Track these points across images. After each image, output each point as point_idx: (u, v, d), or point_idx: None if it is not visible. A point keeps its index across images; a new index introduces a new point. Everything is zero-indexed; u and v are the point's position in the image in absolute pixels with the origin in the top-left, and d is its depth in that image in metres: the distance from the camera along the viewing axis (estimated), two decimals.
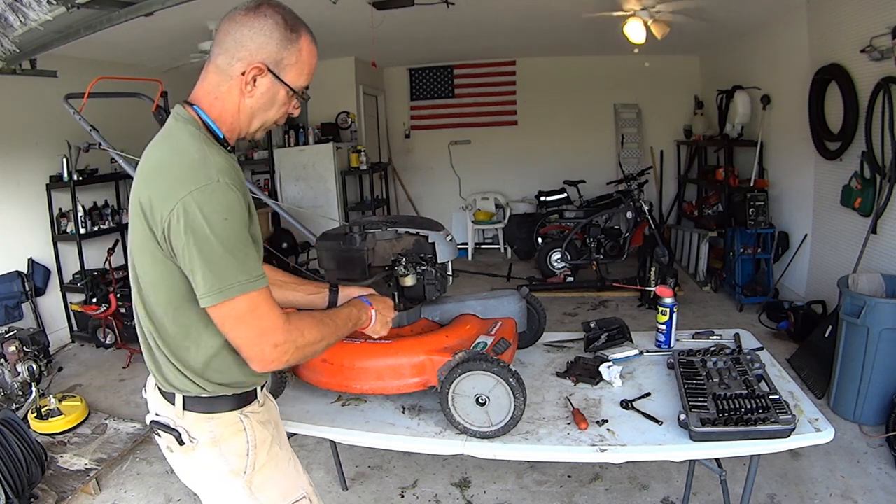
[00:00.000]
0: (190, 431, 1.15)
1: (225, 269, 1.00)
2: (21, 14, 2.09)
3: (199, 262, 0.99)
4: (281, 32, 1.08)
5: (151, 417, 1.21)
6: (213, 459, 1.16)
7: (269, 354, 1.07)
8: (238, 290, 1.02)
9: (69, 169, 4.36)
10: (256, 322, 1.04)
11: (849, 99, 3.56)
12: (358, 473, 2.68)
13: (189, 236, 0.98)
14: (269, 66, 1.08)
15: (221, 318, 1.04)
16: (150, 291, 1.10)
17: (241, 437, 1.17)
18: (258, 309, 1.05)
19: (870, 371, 2.76)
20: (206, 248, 0.99)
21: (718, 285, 5.14)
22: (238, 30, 1.07)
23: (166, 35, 4.20)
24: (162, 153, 1.07)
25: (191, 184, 0.98)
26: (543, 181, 6.50)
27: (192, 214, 0.97)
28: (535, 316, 1.91)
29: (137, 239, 1.07)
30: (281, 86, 1.11)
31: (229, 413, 1.17)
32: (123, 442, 2.91)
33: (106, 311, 4.03)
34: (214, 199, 0.99)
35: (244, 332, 1.05)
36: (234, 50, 1.07)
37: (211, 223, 0.98)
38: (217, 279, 1.00)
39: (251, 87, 1.09)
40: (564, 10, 4.34)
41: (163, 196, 1.00)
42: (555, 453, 1.42)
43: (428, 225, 1.70)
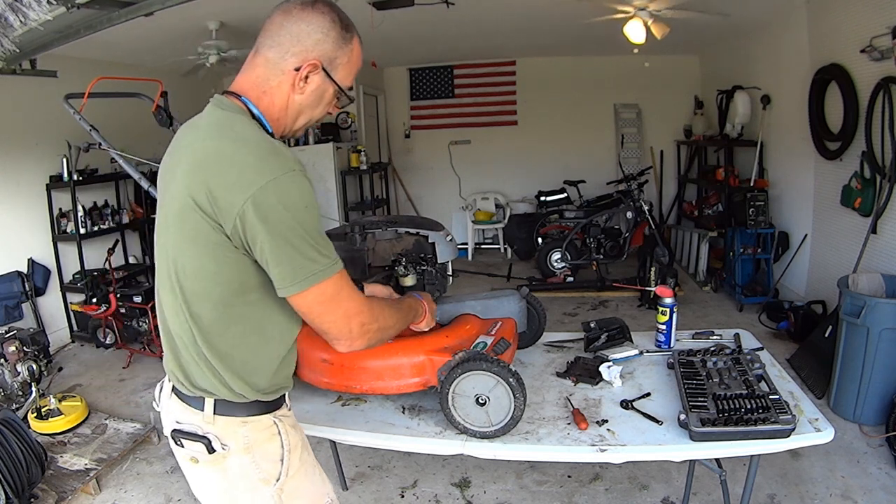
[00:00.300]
0: (221, 438, 1.10)
1: (311, 255, 1.00)
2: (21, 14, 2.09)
3: (284, 250, 0.98)
4: (337, 31, 1.07)
5: (171, 426, 1.14)
6: (244, 467, 1.11)
7: (356, 333, 1.09)
8: (324, 275, 1.02)
9: (69, 169, 4.36)
10: (343, 304, 1.06)
11: (849, 99, 3.56)
12: (358, 473, 2.68)
13: (271, 227, 0.96)
14: (324, 64, 1.07)
15: (308, 304, 1.04)
16: (200, 286, 1.04)
17: (276, 442, 1.13)
18: (343, 290, 1.06)
19: (870, 371, 2.76)
20: (292, 236, 0.98)
21: (718, 285, 5.14)
22: (295, 24, 1.05)
23: (166, 35, 4.20)
24: (221, 143, 1.01)
25: (268, 173, 0.96)
26: (543, 181, 6.50)
27: (272, 204, 0.95)
28: (535, 316, 1.91)
29: (188, 233, 1.01)
30: (330, 84, 1.10)
31: (264, 416, 1.13)
32: (123, 442, 2.91)
33: (106, 311, 4.03)
34: (294, 187, 0.98)
35: (331, 315, 1.06)
36: (289, 44, 1.05)
37: (293, 212, 0.97)
38: (303, 268, 1.00)
39: (303, 84, 1.08)
40: (564, 10, 4.34)
41: (233, 186, 0.96)
42: (555, 453, 1.42)
43: (428, 225, 1.70)
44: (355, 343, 1.11)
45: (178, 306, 1.07)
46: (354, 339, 1.10)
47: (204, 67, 4.51)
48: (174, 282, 1.06)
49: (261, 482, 1.12)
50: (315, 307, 1.04)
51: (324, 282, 1.02)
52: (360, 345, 1.12)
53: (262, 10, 1.13)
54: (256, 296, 1.07)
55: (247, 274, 1.03)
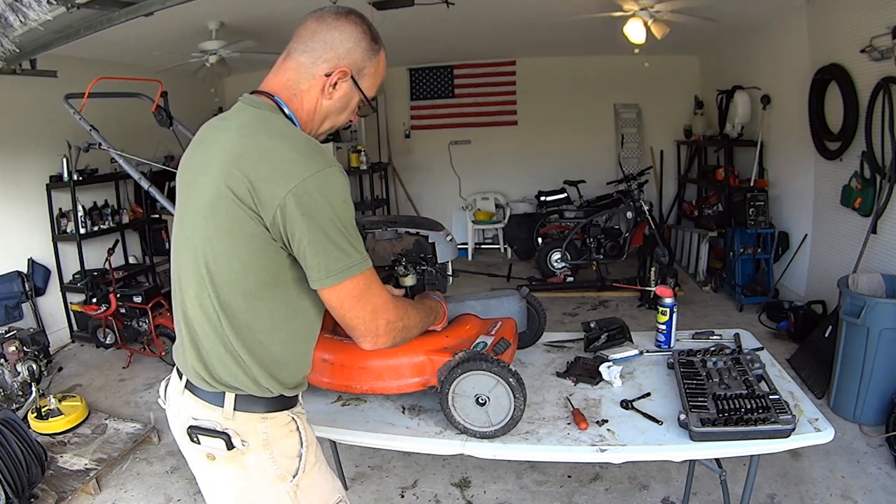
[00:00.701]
0: (241, 434, 1.10)
1: (347, 249, 1.04)
2: (21, 14, 2.09)
3: (322, 243, 1.01)
4: (368, 42, 1.13)
5: (187, 423, 1.13)
6: (262, 463, 1.12)
7: (382, 330, 1.12)
8: (358, 269, 1.05)
9: (69, 169, 4.37)
10: (372, 300, 1.09)
11: (849, 99, 3.56)
12: (358, 473, 2.68)
13: (310, 220, 0.99)
14: (353, 73, 1.12)
15: (340, 298, 1.06)
16: (233, 276, 1.05)
17: (294, 438, 1.15)
18: (372, 287, 1.09)
19: (870, 371, 2.76)
20: (331, 229, 1.01)
21: (718, 285, 5.14)
22: (328, 32, 1.10)
23: (166, 35, 4.19)
24: (261, 138, 1.04)
25: (309, 167, 1.00)
26: (543, 181, 6.49)
27: (313, 197, 0.99)
28: (535, 316, 1.91)
29: (223, 224, 1.03)
30: (357, 92, 1.15)
31: (282, 413, 1.15)
32: (123, 442, 2.91)
33: (106, 311, 4.03)
34: (334, 181, 1.02)
35: (360, 310, 1.08)
36: (322, 51, 1.10)
37: (333, 205, 1.01)
38: (338, 261, 1.03)
39: (332, 90, 1.12)
40: (564, 10, 4.34)
41: (275, 179, 0.99)
42: (555, 453, 1.42)
43: (428, 225, 1.70)
44: (380, 340, 1.13)
45: (206, 297, 1.07)
46: (380, 337, 1.12)
47: (204, 67, 4.51)
48: (203, 273, 1.06)
49: (278, 478, 1.13)
50: (346, 301, 1.07)
51: (357, 276, 1.05)
52: (384, 342, 1.14)
53: (262, 9, 1.14)
54: (289, 290, 1.09)
55: (281, 267, 1.06)
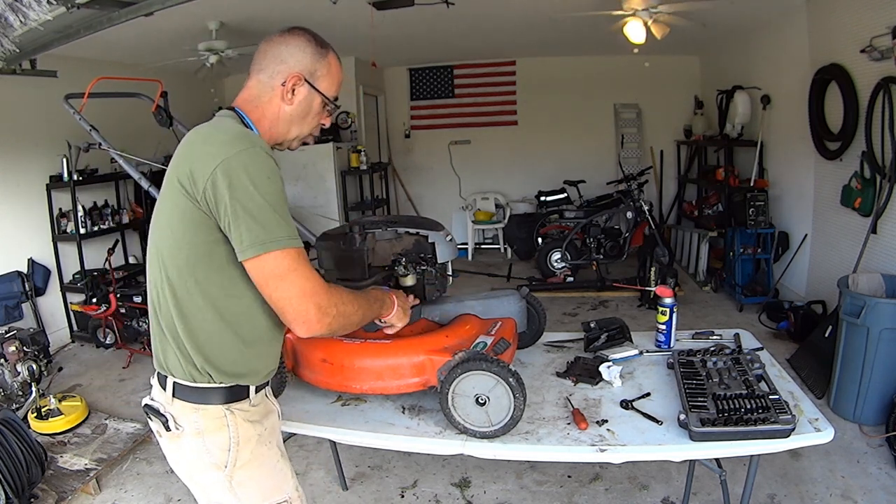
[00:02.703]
0: (177, 419, 1.18)
1: (268, 222, 1.05)
2: (21, 14, 2.09)
3: (243, 215, 1.04)
4: (313, 48, 1.23)
5: (146, 400, 1.24)
6: (197, 450, 1.18)
7: (313, 315, 1.10)
8: (281, 245, 1.06)
9: (69, 169, 4.36)
10: (299, 281, 1.08)
11: (849, 99, 3.56)
12: (358, 473, 2.68)
13: (233, 191, 1.04)
14: (306, 77, 1.22)
15: (264, 275, 1.07)
16: (170, 255, 1.12)
17: (224, 433, 1.18)
18: (300, 268, 1.08)
19: (870, 371, 2.76)
20: (251, 202, 1.04)
21: (718, 285, 5.14)
22: (276, 48, 1.22)
23: (166, 35, 4.20)
24: (203, 133, 1.15)
25: (234, 147, 1.06)
26: (543, 181, 6.50)
27: (236, 172, 1.04)
28: (535, 316, 1.91)
29: (167, 209, 1.12)
30: (316, 94, 1.24)
31: (215, 406, 1.18)
32: (123, 442, 2.91)
33: (106, 311, 4.03)
34: (257, 160, 1.07)
35: (287, 290, 1.08)
36: (275, 65, 1.21)
37: (255, 180, 1.05)
38: (262, 231, 1.05)
39: (290, 95, 1.22)
40: (564, 11, 4.34)
41: (205, 160, 1.06)
42: (555, 453, 1.42)
43: (428, 225, 1.69)
44: (314, 327, 1.11)
45: (159, 278, 1.15)
46: (313, 323, 1.11)
47: (204, 67, 4.51)
48: (156, 258, 1.16)
49: (212, 466, 1.18)
50: (271, 280, 1.07)
51: (279, 251, 1.06)
52: (319, 329, 1.12)
53: (262, 10, 1.17)
54: (223, 270, 1.12)
55: (214, 245, 1.10)
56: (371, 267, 1.65)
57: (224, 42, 4.22)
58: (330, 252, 1.66)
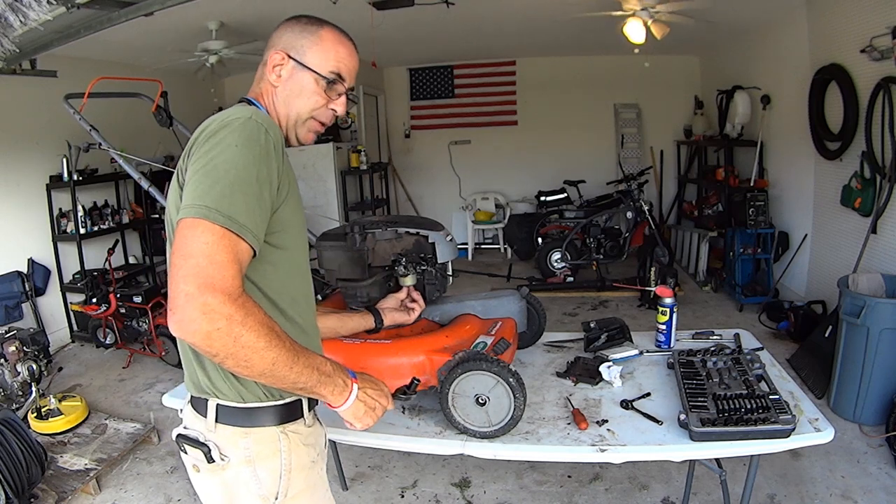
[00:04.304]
0: (221, 448, 1.03)
1: (214, 190, 0.90)
2: (21, 14, 2.09)
3: (195, 175, 0.92)
4: (301, 25, 1.15)
5: (179, 430, 1.09)
6: (244, 480, 1.04)
7: (190, 310, 0.84)
8: (208, 216, 0.87)
9: (69, 169, 4.36)
10: (201, 260, 0.86)
11: (849, 99, 3.56)
12: (358, 473, 2.68)
13: (199, 154, 0.95)
14: (289, 53, 1.13)
15: (175, 244, 0.89)
16: None
17: (276, 459, 1.05)
18: (215, 249, 0.87)
19: (870, 371, 2.76)
20: (207, 165, 0.92)
21: (718, 285, 5.14)
22: (270, 37, 1.18)
23: (166, 35, 4.20)
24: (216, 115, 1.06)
25: (229, 115, 0.99)
26: (543, 181, 6.50)
27: (212, 136, 0.96)
28: (535, 316, 1.91)
29: (174, 201, 1.02)
30: (305, 70, 1.13)
31: (269, 429, 1.05)
32: (123, 442, 2.91)
33: (106, 311, 4.03)
34: (239, 129, 0.96)
35: (180, 264, 0.86)
36: (266, 52, 1.16)
37: (223, 145, 0.94)
38: (199, 195, 0.89)
39: (276, 77, 1.14)
40: (564, 10, 4.34)
41: (200, 130, 1.00)
42: (555, 453, 1.42)
43: (428, 225, 1.70)
44: (186, 325, 0.84)
45: None
46: (188, 320, 0.84)
47: (204, 67, 4.51)
48: None
49: (260, 498, 1.05)
50: (179, 250, 0.87)
51: (204, 220, 0.87)
52: (192, 332, 0.85)
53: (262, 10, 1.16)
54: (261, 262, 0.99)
55: None
56: (371, 267, 1.65)
57: (224, 42, 4.22)
58: (330, 252, 1.66)
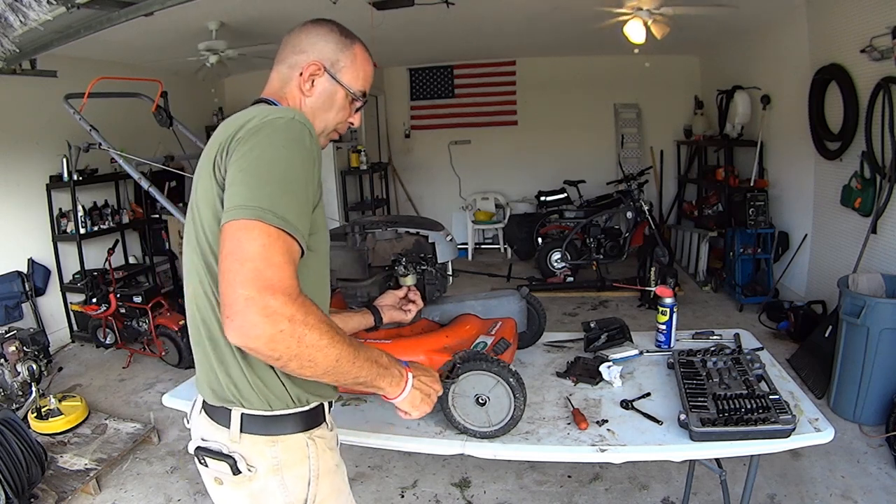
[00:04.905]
0: (248, 458, 1.00)
1: (263, 189, 0.87)
2: (21, 14, 2.09)
3: (240, 174, 0.90)
4: (336, 37, 1.14)
5: (196, 443, 1.05)
6: (272, 490, 1.01)
7: (252, 314, 0.81)
8: (261, 216, 0.85)
9: (69, 169, 4.37)
10: (258, 263, 0.83)
11: (849, 99, 3.56)
12: (358, 473, 2.68)
13: (245, 149, 0.91)
14: (326, 66, 1.12)
15: (224, 244, 0.86)
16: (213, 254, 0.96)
17: (304, 466, 1.03)
18: (270, 250, 0.84)
19: (870, 371, 2.76)
20: (258, 164, 0.90)
21: (718, 285, 5.14)
22: (297, 37, 1.14)
23: (166, 35, 4.20)
24: (245, 113, 1.02)
25: (274, 112, 0.96)
26: (543, 181, 6.50)
27: (254, 134, 0.93)
28: (535, 316, 1.91)
29: (207, 200, 0.96)
30: (338, 87, 1.14)
31: (296, 436, 1.03)
32: (123, 442, 2.91)
33: (106, 311, 4.03)
34: (284, 129, 0.94)
35: (236, 268, 0.83)
36: (294, 54, 1.13)
37: (269, 144, 0.91)
38: (249, 195, 0.87)
39: (310, 87, 1.12)
40: (564, 10, 4.34)
41: (237, 127, 0.95)
42: (555, 453, 1.42)
43: (428, 225, 1.70)
44: (250, 333, 0.82)
45: (199, 288, 0.99)
46: (249, 326, 0.82)
47: (204, 67, 4.51)
48: (197, 260, 0.99)
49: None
50: (228, 255, 0.84)
51: (256, 221, 0.84)
52: (257, 339, 0.83)
53: (262, 10, 1.15)
54: None
55: None
56: (371, 267, 1.65)
57: (224, 42, 4.22)
58: (330, 252, 1.66)
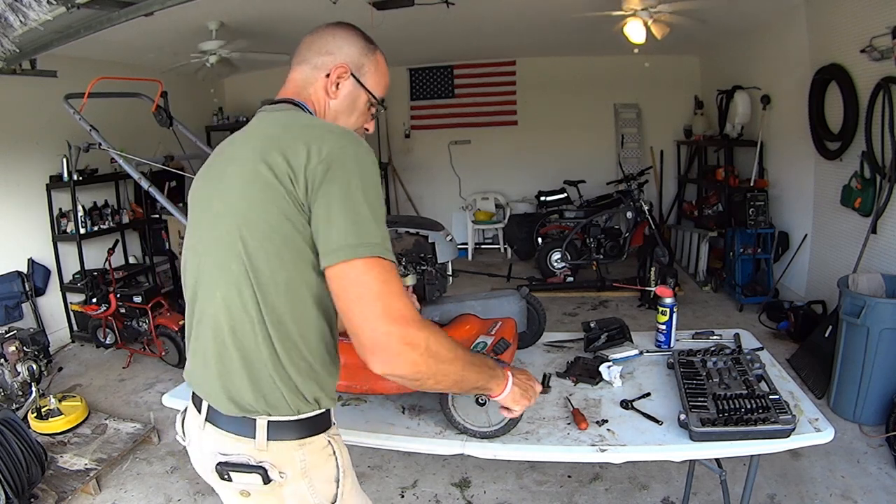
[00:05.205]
0: (278, 465, 0.99)
1: (366, 224, 0.90)
2: (21, 14, 2.09)
3: (340, 211, 0.90)
4: (362, 41, 1.16)
5: (214, 460, 1.01)
6: (301, 493, 1.01)
7: (394, 346, 0.88)
8: (374, 252, 0.89)
9: (69, 169, 4.37)
10: (386, 299, 0.88)
11: (849, 99, 3.56)
12: (358, 473, 2.64)
13: (338, 185, 0.91)
14: (352, 70, 1.14)
15: (345, 285, 0.90)
16: (270, 265, 0.94)
17: (331, 463, 1.05)
18: (390, 286, 0.89)
19: (870, 371, 2.76)
20: (353, 198, 0.90)
21: (718, 285, 5.14)
22: (321, 38, 1.14)
23: (166, 35, 4.20)
24: (295, 120, 1.03)
25: (345, 139, 0.96)
26: (543, 181, 6.50)
27: (347, 166, 0.92)
28: (535, 316, 1.91)
29: (257, 205, 0.94)
30: (362, 91, 1.15)
31: (319, 436, 1.03)
32: (123, 442, 2.91)
33: (106, 311, 4.03)
34: (368, 156, 0.96)
35: (369, 307, 0.88)
36: (319, 55, 1.14)
37: (364, 176, 0.93)
38: (356, 232, 0.89)
39: (335, 89, 1.13)
40: (564, 10, 4.34)
41: (309, 149, 0.93)
42: (555, 453, 1.42)
43: (428, 225, 1.70)
44: (394, 361, 0.89)
45: (235, 296, 0.97)
46: (393, 355, 0.89)
47: (204, 67, 4.51)
48: (236, 268, 0.96)
49: None
50: (353, 290, 0.89)
51: (370, 259, 0.89)
52: (401, 366, 0.90)
53: (262, 10, 1.15)
54: (318, 282, 0.97)
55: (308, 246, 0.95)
56: None
57: (224, 42, 4.22)
58: None
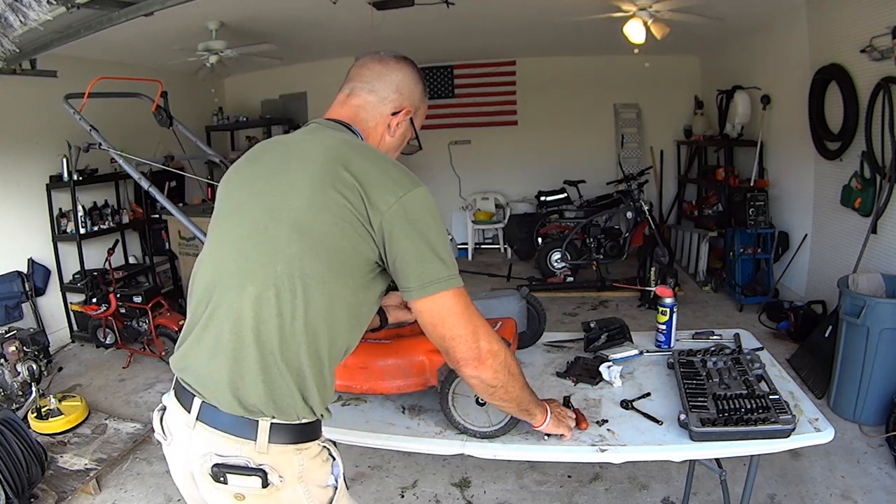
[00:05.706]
0: (278, 468, 1.00)
1: (446, 260, 1.05)
2: (21, 14, 2.09)
3: (424, 252, 1.02)
4: (423, 85, 1.22)
5: (209, 461, 1.01)
6: (297, 497, 1.03)
7: (485, 352, 1.08)
8: (457, 283, 1.05)
9: (69, 169, 4.37)
10: (473, 319, 1.07)
11: (849, 99, 3.56)
12: (358, 473, 2.68)
13: (416, 228, 1.02)
14: (410, 113, 1.20)
15: (441, 314, 1.05)
16: (321, 277, 1.01)
17: (325, 469, 1.07)
18: (471, 307, 1.08)
19: (870, 371, 2.76)
20: (433, 239, 1.03)
21: (718, 285, 5.14)
22: (393, 73, 1.18)
23: (166, 35, 4.20)
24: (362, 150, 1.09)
25: (413, 182, 1.05)
26: (543, 181, 6.50)
27: (420, 209, 1.03)
28: (535, 316, 1.91)
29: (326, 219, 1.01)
30: (410, 130, 1.22)
31: (313, 443, 1.07)
32: (123, 442, 2.91)
33: (106, 311, 4.03)
34: (430, 198, 1.06)
35: (461, 328, 1.06)
36: (389, 91, 1.18)
37: (435, 219, 1.06)
38: (441, 269, 1.03)
39: (396, 128, 1.19)
40: (564, 10, 4.34)
41: (384, 185, 1.02)
42: (555, 453, 1.42)
43: None
44: (483, 365, 1.08)
45: (284, 309, 1.00)
46: (483, 360, 1.08)
47: (204, 67, 4.51)
48: (282, 269, 1.00)
49: None
50: (448, 317, 1.05)
51: (455, 290, 1.05)
52: (486, 370, 1.09)
53: (262, 10, 1.15)
54: (359, 302, 1.08)
55: (366, 275, 1.06)
56: None
57: (224, 42, 4.22)
58: None
